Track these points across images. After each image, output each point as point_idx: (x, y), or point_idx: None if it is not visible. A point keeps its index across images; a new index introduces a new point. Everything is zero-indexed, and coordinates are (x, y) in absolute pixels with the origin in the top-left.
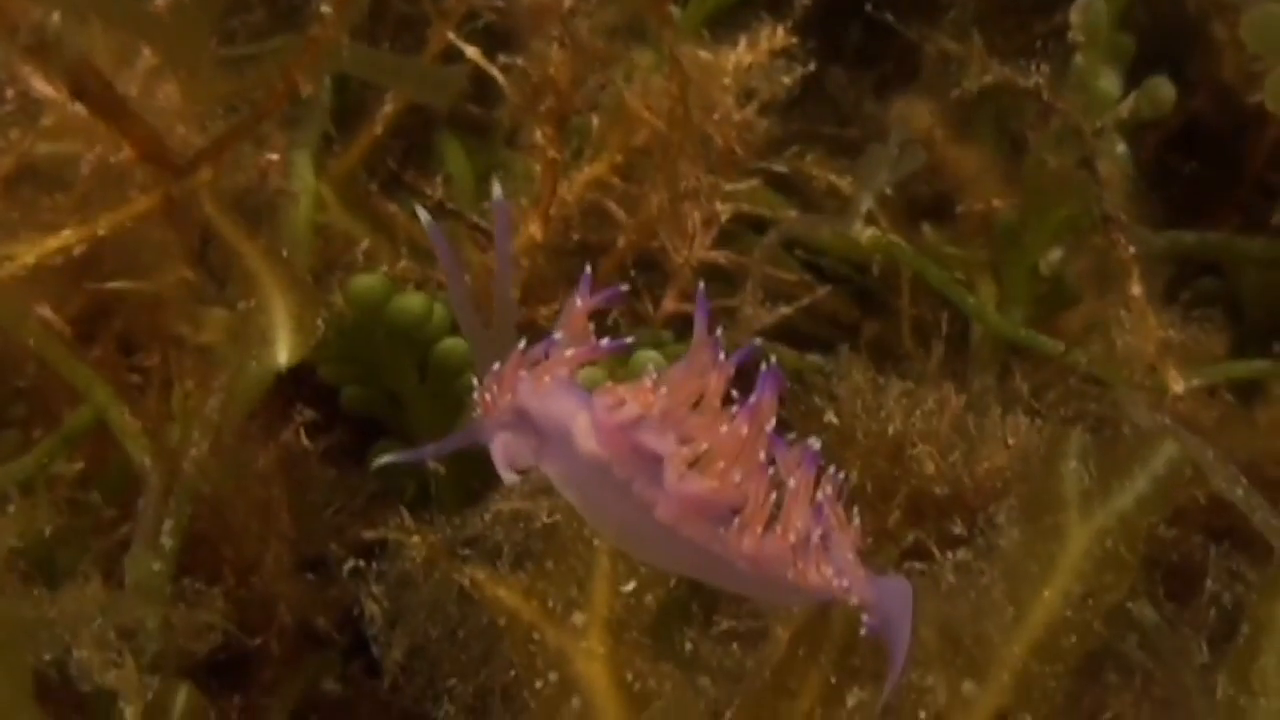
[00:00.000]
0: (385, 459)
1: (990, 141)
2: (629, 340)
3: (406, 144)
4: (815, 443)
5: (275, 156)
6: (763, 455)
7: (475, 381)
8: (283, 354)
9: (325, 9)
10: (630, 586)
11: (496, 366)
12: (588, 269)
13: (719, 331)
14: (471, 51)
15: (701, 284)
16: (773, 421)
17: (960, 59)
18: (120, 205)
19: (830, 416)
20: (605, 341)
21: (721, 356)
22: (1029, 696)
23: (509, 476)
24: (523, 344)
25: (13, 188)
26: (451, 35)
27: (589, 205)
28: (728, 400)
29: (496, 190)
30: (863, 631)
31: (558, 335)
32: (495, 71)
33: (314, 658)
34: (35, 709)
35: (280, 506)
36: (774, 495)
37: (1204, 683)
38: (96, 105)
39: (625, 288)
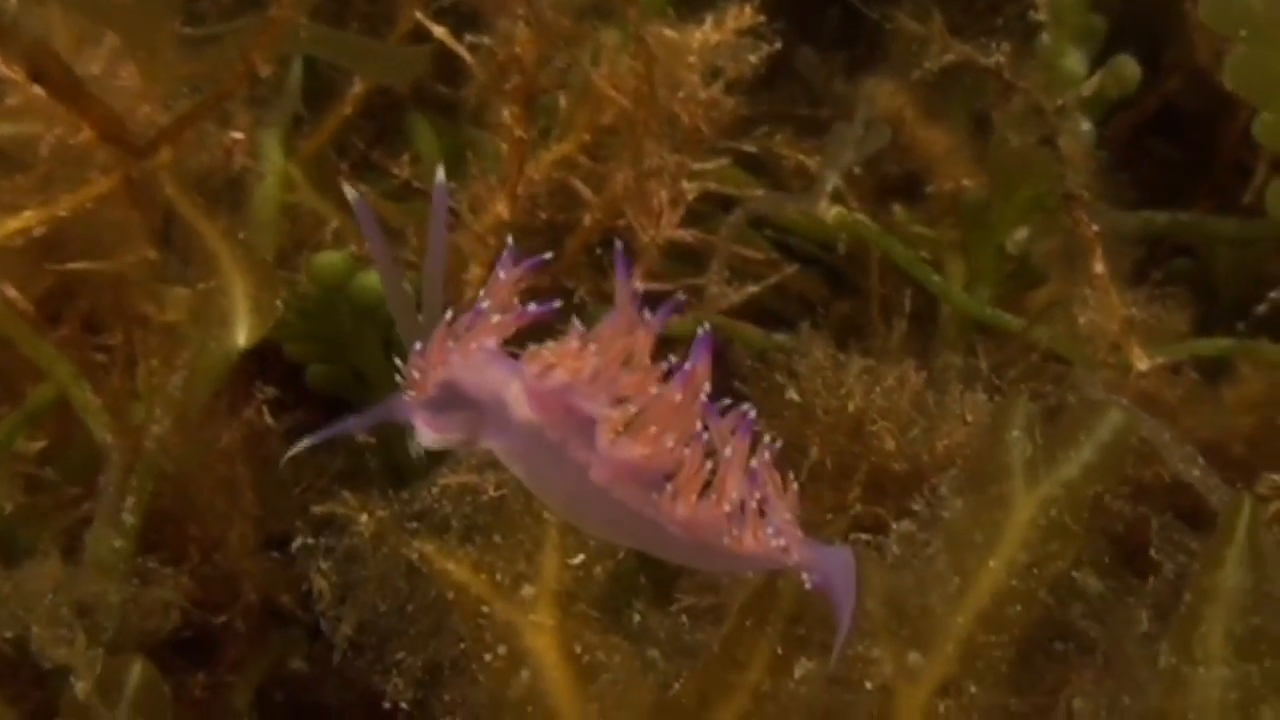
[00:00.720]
0: (306, 441)
1: (959, 121)
2: (556, 304)
3: (376, 125)
4: (750, 409)
5: (239, 136)
6: (698, 422)
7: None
8: (241, 335)
9: None
10: (579, 559)
11: (420, 344)
12: (510, 241)
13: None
14: (439, 31)
15: (619, 243)
16: (706, 387)
17: (924, 39)
18: (81, 186)
19: (791, 394)
20: (531, 307)
21: (647, 315)
22: (974, 666)
23: (432, 441)
24: (448, 316)
25: None
26: (419, 14)
27: (556, 184)
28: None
29: (439, 173)
30: (807, 586)
31: (484, 305)
32: (462, 50)
33: (279, 635)
34: None
35: (245, 484)
36: (710, 462)
37: (1147, 652)
38: (55, 88)
39: (549, 255)
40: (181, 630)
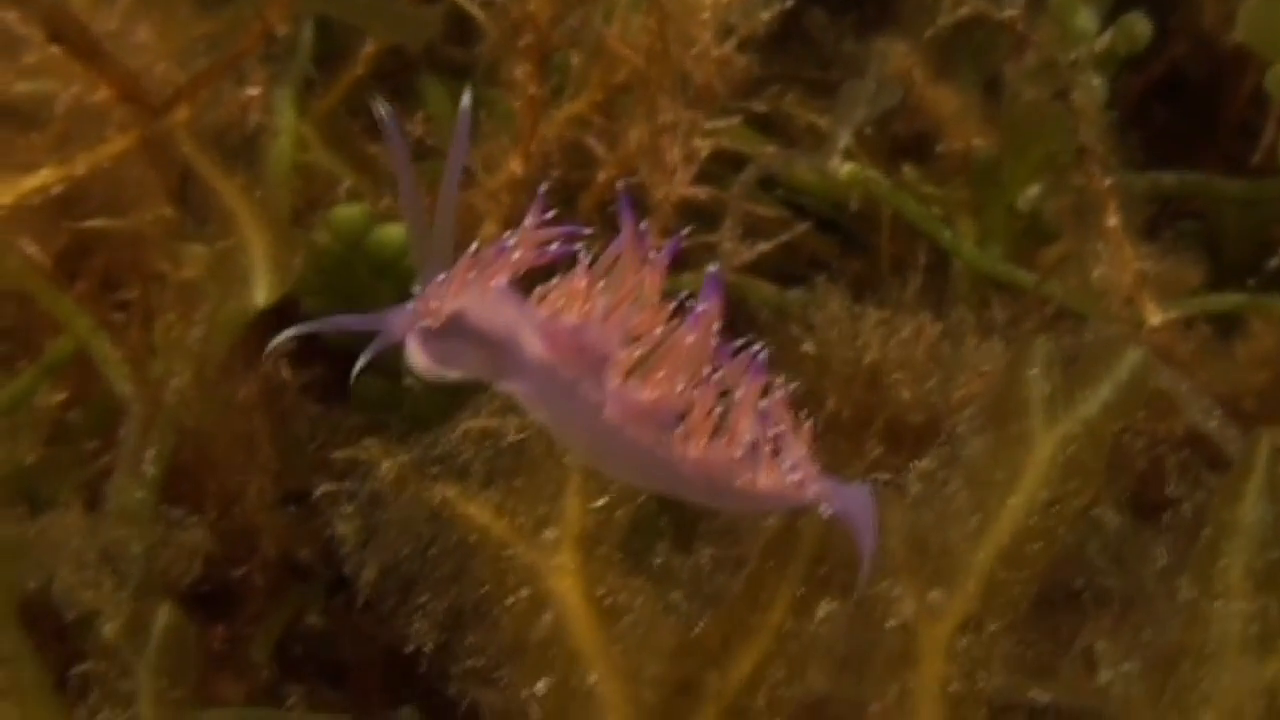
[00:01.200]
0: (285, 336)
1: (969, 81)
2: (579, 247)
3: (388, 84)
4: (761, 350)
5: (256, 91)
6: (708, 363)
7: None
8: (260, 293)
9: None
10: (601, 503)
11: (441, 276)
12: (543, 186)
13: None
14: None
15: (621, 182)
16: (717, 328)
17: None
18: (98, 144)
19: (808, 346)
20: (553, 247)
21: (652, 253)
22: (995, 603)
23: (424, 367)
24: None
25: None
26: None
27: (569, 142)
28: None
29: (465, 99)
30: (825, 515)
31: (508, 245)
32: (475, 9)
33: (297, 590)
34: (17, 630)
35: (263, 438)
36: (723, 403)
37: (1166, 587)
38: (73, 48)
39: (588, 231)
40: (201, 583)
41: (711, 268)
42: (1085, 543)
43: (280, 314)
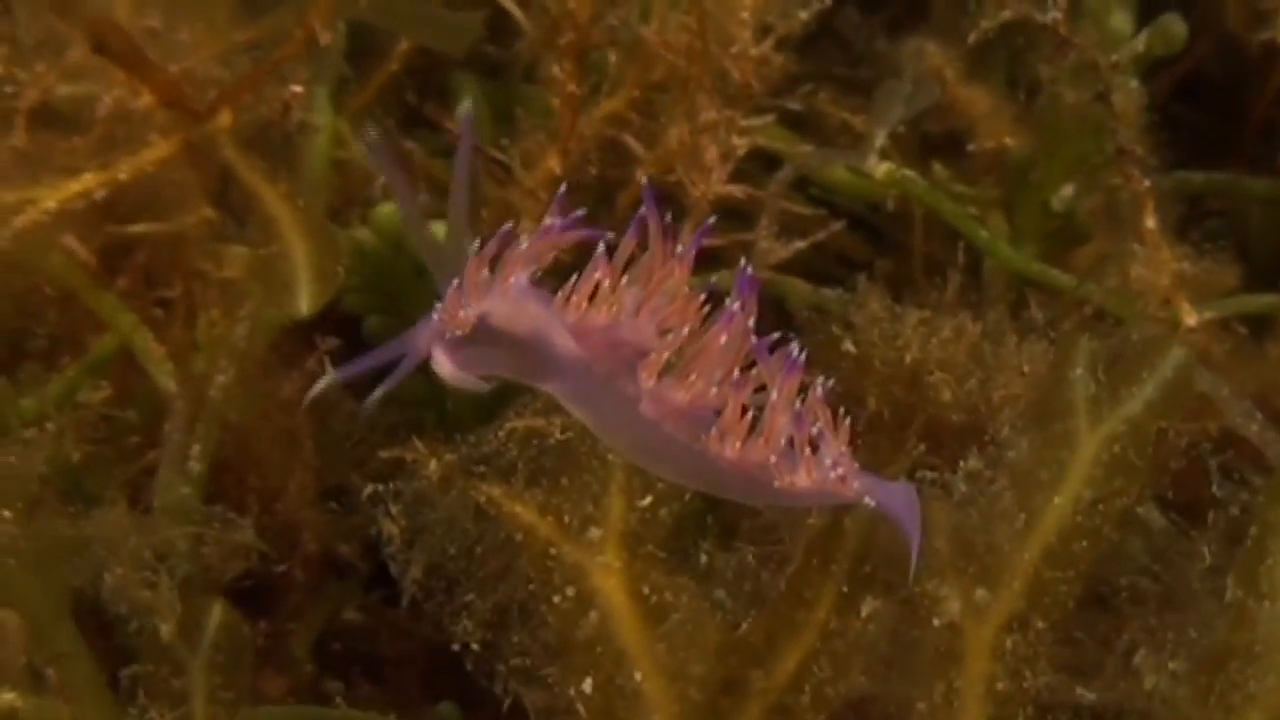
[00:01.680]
0: (321, 385)
1: (1001, 81)
2: (606, 235)
3: (423, 80)
4: (795, 349)
5: (298, 89)
6: (742, 361)
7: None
8: (304, 302)
9: None
10: (646, 501)
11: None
12: (562, 187)
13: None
14: None
15: (644, 178)
16: (750, 323)
17: None
18: (140, 149)
19: (848, 345)
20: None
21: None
22: (1041, 602)
23: (451, 375)
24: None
25: (34, 129)
26: None
27: (607, 140)
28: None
29: (465, 105)
30: (870, 505)
31: (523, 243)
32: (514, 8)
33: (336, 586)
34: (73, 628)
35: (304, 435)
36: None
37: (1212, 586)
38: (118, 58)
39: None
40: (242, 579)
41: (745, 265)
42: (1129, 542)
43: (321, 312)
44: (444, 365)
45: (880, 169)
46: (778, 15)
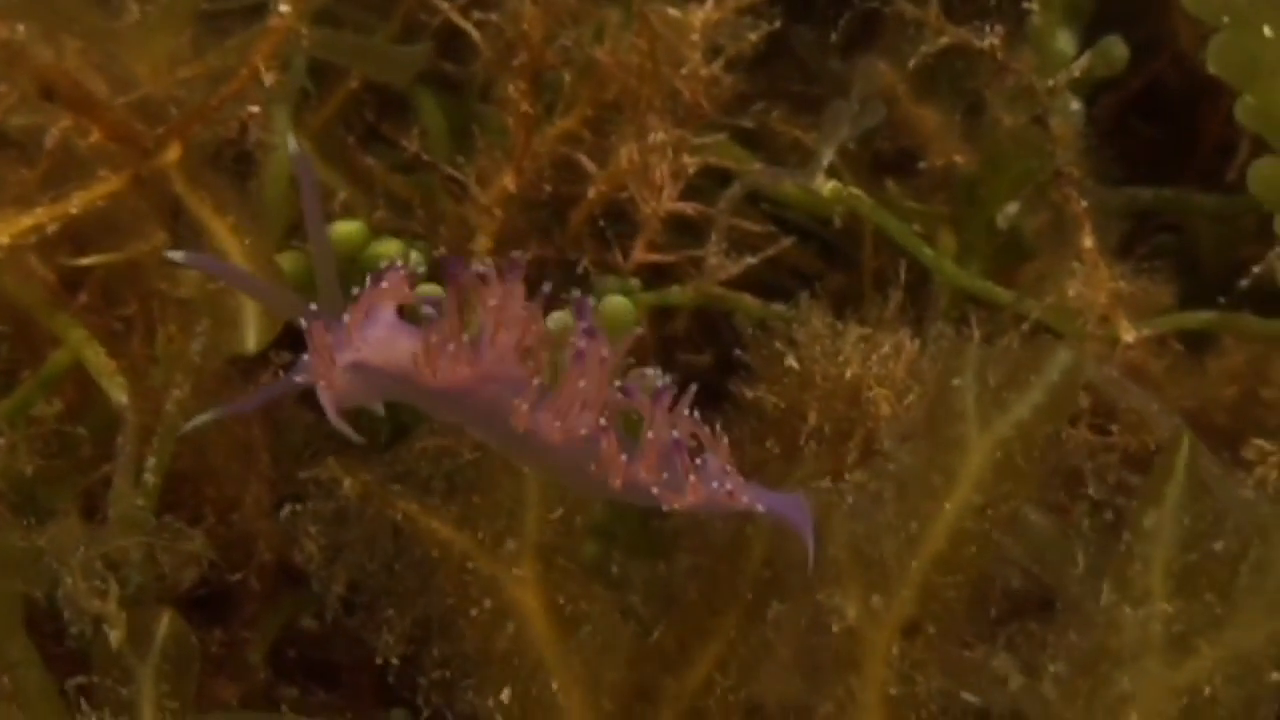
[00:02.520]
0: (199, 420)
1: (950, 100)
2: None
3: (382, 97)
4: (657, 375)
5: (255, 109)
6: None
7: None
8: (251, 339)
9: (284, 8)
10: (558, 513)
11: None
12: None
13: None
14: (447, 7)
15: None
16: (607, 356)
17: (918, 22)
18: (90, 183)
19: (790, 361)
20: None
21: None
22: (931, 609)
23: (339, 423)
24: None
25: None
26: None
27: (560, 158)
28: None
29: (292, 144)
30: (760, 510)
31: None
32: (470, 28)
33: (291, 594)
34: (25, 637)
35: (260, 447)
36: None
37: (1090, 589)
38: (66, 103)
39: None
40: (198, 588)
41: (583, 297)
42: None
43: None
44: (328, 403)
45: (827, 186)
46: (728, 36)
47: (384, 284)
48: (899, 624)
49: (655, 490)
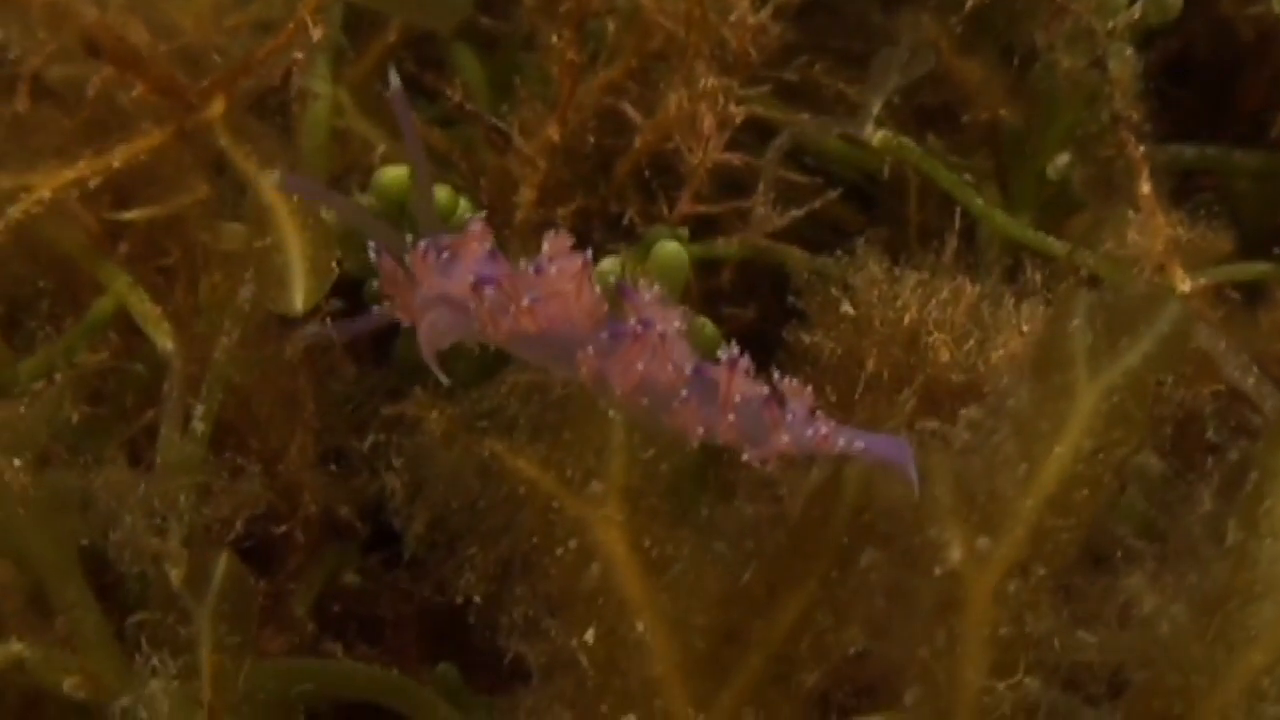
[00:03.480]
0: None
1: (995, 53)
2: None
3: (420, 51)
4: (734, 349)
5: (300, 55)
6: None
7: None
8: (298, 298)
9: None
10: (647, 455)
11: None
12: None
13: None
14: None
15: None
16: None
17: None
18: (133, 136)
19: (846, 307)
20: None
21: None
22: (1043, 549)
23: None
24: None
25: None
26: None
27: (605, 109)
28: None
29: (394, 80)
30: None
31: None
32: None
33: (336, 548)
34: (82, 579)
35: (305, 397)
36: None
37: (1212, 530)
38: (111, 59)
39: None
40: (244, 540)
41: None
42: (1129, 491)
43: None
44: (421, 331)
45: (876, 136)
46: None
47: (475, 226)
48: (1007, 565)
49: (746, 452)
